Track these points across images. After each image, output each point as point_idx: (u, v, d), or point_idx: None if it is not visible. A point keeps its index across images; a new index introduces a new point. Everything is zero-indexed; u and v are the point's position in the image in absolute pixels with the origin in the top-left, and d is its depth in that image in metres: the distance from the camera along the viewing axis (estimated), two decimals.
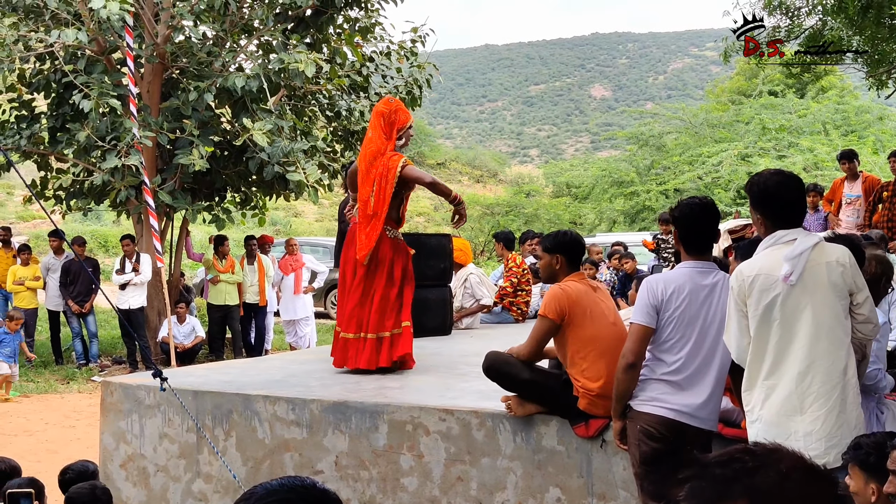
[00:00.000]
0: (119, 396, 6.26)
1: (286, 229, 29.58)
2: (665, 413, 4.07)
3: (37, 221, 24.24)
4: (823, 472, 1.39)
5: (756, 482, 1.34)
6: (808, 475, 1.36)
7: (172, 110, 11.94)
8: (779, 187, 3.64)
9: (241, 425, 5.79)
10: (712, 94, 39.81)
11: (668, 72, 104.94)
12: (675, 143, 28.60)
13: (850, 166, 10.70)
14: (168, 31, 11.86)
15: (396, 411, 5.34)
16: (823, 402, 3.48)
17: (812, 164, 23.81)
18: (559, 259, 4.72)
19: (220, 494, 5.82)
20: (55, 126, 12.55)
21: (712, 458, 1.42)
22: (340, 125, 13.99)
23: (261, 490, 1.72)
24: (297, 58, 11.36)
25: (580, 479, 4.85)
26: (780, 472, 1.34)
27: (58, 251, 13.33)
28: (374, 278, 6.52)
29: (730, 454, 1.40)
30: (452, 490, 5.16)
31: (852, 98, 30.12)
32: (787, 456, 1.38)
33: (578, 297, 4.53)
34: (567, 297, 4.52)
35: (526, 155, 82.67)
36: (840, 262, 3.57)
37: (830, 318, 3.52)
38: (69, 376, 12.21)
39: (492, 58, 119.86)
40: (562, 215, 31.25)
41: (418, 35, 13.89)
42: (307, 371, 6.87)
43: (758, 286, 3.55)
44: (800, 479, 1.35)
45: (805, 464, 1.38)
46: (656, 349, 4.13)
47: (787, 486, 1.33)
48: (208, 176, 12.57)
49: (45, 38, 11.24)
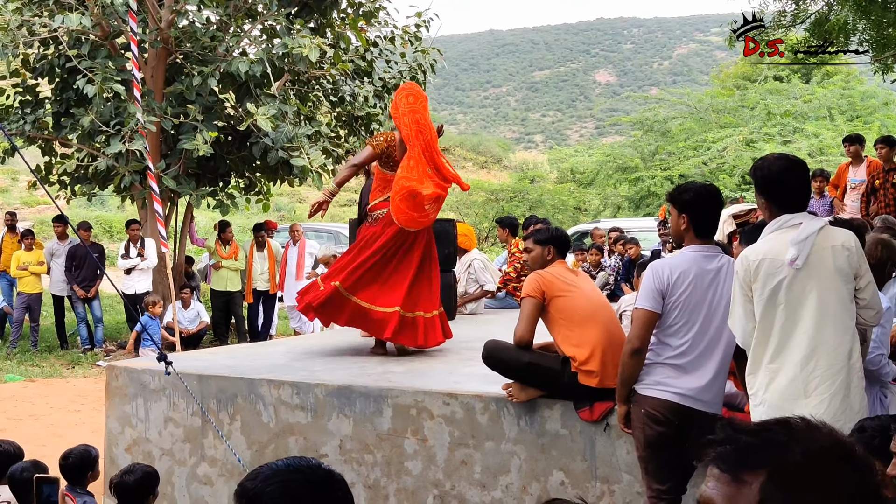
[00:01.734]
0: (124, 381, 6.28)
1: (290, 215, 29.58)
2: (670, 397, 4.08)
3: (41, 207, 24.25)
4: (859, 458, 1.34)
5: (781, 456, 1.31)
6: (840, 459, 1.32)
7: (176, 95, 11.93)
8: (783, 172, 3.63)
9: (245, 409, 5.81)
10: (717, 79, 39.62)
11: (673, 57, 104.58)
12: (679, 129, 28.49)
13: (855, 149, 10.63)
14: (172, 15, 11.83)
15: (400, 395, 5.36)
16: (828, 385, 3.48)
17: (817, 150, 23.73)
18: (551, 251, 4.99)
19: (224, 478, 5.85)
20: (59, 111, 12.55)
21: (746, 425, 1.40)
22: (344, 110, 13.96)
23: (266, 470, 1.73)
24: (301, 42, 11.33)
25: (584, 462, 4.86)
26: (808, 451, 1.31)
27: (62, 236, 13.35)
28: (433, 258, 6.72)
29: (765, 425, 1.38)
30: (456, 474, 5.17)
31: (857, 83, 29.96)
32: (824, 436, 1.34)
33: (553, 277, 4.82)
34: (542, 278, 4.81)
35: (530, 141, 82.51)
36: (846, 245, 3.56)
37: (836, 301, 3.52)
38: (74, 361, 12.25)
39: (496, 43, 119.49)
40: (566, 201, 31.18)
41: (422, 20, 13.85)
42: (311, 356, 6.89)
43: (763, 270, 3.54)
44: (828, 462, 1.31)
45: (841, 447, 1.34)
46: (661, 333, 4.14)
47: (813, 466, 1.30)
48: (212, 161, 12.57)
49: (49, 22, 11.22)
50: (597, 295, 4.98)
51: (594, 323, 4.72)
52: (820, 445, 1.32)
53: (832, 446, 1.33)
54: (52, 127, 12.62)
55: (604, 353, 4.64)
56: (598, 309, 4.81)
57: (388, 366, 6.32)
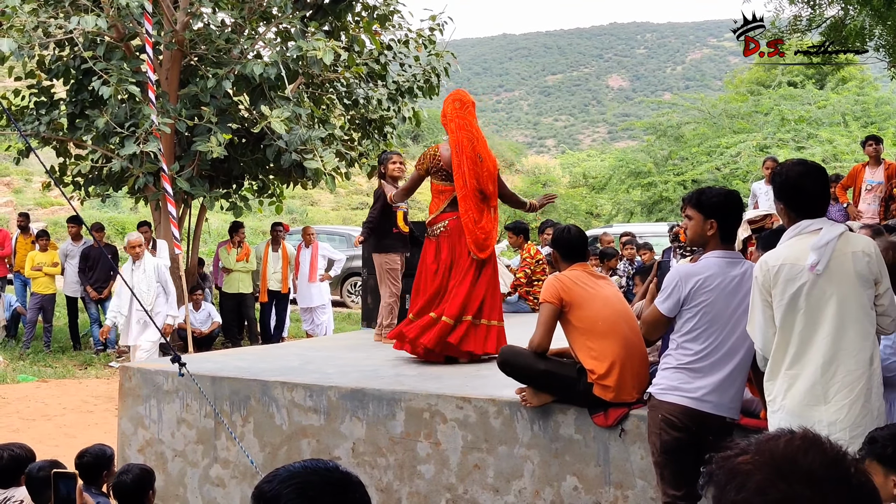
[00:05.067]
0: (137, 382, 6.28)
1: (302, 218, 29.61)
2: (687, 402, 4.06)
3: (55, 208, 24.32)
4: (844, 478, 1.33)
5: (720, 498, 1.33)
6: (823, 482, 1.31)
7: (191, 97, 11.95)
8: (801, 177, 3.61)
9: (258, 411, 5.81)
10: (731, 84, 39.46)
11: (687, 62, 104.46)
12: (692, 134, 28.39)
13: (877, 148, 10.43)
14: (187, 17, 11.85)
15: (414, 399, 5.34)
16: (848, 391, 3.45)
17: (831, 156, 23.61)
18: (554, 255, 5.08)
19: (237, 480, 5.84)
20: (74, 112, 12.58)
21: (725, 455, 1.40)
22: (358, 113, 13.97)
23: (283, 472, 1.72)
24: (316, 45, 11.33)
25: (597, 467, 4.84)
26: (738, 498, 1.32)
27: (76, 237, 13.40)
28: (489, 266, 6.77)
29: (720, 460, 1.39)
30: (469, 478, 5.15)
31: (872, 89, 29.81)
32: (812, 457, 1.33)
33: (572, 283, 4.77)
34: (560, 283, 4.76)
35: (542, 145, 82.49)
36: (866, 251, 3.53)
37: (856, 307, 3.49)
38: (87, 362, 12.28)
39: (509, 47, 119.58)
40: (578, 206, 31.15)
41: (436, 23, 13.84)
42: (324, 358, 6.89)
43: (783, 276, 3.52)
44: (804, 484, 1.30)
45: (828, 469, 1.32)
46: (682, 338, 4.12)
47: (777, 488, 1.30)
48: (226, 163, 12.59)
49: (65, 24, 11.25)
50: (618, 301, 4.89)
51: (615, 335, 4.67)
52: (756, 485, 1.31)
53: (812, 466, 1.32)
54: (67, 128, 12.65)
55: (622, 367, 4.62)
56: (619, 319, 4.74)
57: (400, 369, 6.31)
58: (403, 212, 8.20)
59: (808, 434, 1.40)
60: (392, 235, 8.14)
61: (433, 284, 6.63)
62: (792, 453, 1.34)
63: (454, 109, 6.71)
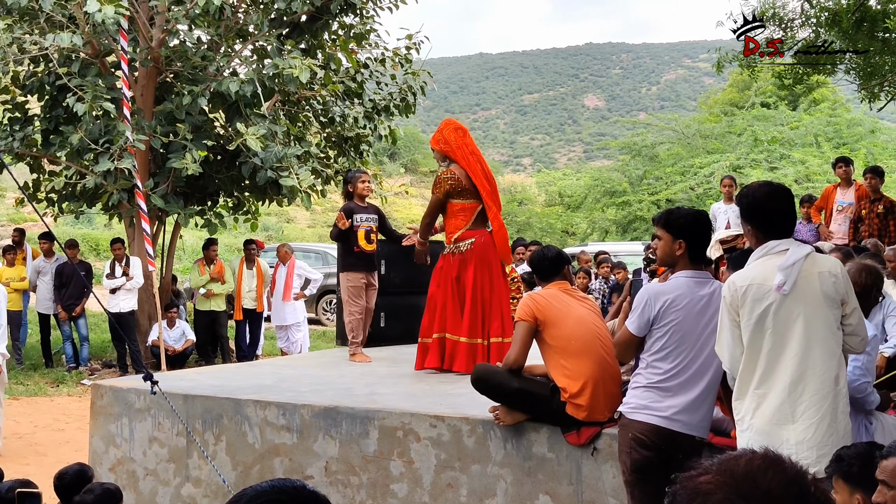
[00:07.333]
0: (109, 400, 6.24)
1: (278, 235, 29.53)
2: (657, 421, 4.08)
3: (28, 224, 24.11)
4: (802, 496, 1.36)
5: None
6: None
7: (166, 114, 11.92)
8: (768, 198, 3.66)
9: (231, 430, 5.78)
10: (705, 105, 39.90)
11: (662, 83, 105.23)
12: (667, 154, 28.64)
13: (847, 170, 10.56)
14: (163, 34, 11.85)
15: (387, 417, 5.34)
16: (815, 410, 3.48)
17: (804, 176, 23.87)
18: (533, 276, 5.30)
19: (209, 499, 5.81)
20: (48, 128, 12.51)
21: (697, 466, 1.42)
22: (334, 131, 13.98)
23: (250, 492, 1.71)
24: (292, 63, 11.35)
25: (570, 486, 4.85)
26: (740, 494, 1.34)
27: (48, 253, 13.29)
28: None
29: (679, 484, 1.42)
30: (442, 496, 5.15)
31: (844, 111, 30.20)
32: (771, 476, 1.36)
33: (547, 302, 4.82)
34: (535, 302, 4.82)
35: (519, 164, 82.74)
36: (832, 272, 3.58)
37: (823, 327, 3.53)
38: (59, 379, 12.15)
39: (486, 66, 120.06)
40: (554, 224, 31.26)
41: (413, 42, 13.89)
42: (298, 376, 6.87)
43: (750, 296, 3.56)
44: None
45: (788, 488, 1.35)
46: (651, 357, 4.15)
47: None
48: (201, 180, 12.55)
49: (40, 40, 11.21)
50: (593, 320, 4.91)
51: (589, 354, 4.72)
52: (764, 486, 1.34)
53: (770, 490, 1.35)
54: (41, 144, 12.58)
55: (595, 386, 4.66)
56: (593, 338, 4.78)
57: (375, 387, 6.30)
58: (365, 231, 8.11)
59: (768, 454, 1.42)
60: (353, 254, 8.08)
61: (475, 303, 6.88)
62: (752, 473, 1.36)
63: (457, 136, 7.17)
